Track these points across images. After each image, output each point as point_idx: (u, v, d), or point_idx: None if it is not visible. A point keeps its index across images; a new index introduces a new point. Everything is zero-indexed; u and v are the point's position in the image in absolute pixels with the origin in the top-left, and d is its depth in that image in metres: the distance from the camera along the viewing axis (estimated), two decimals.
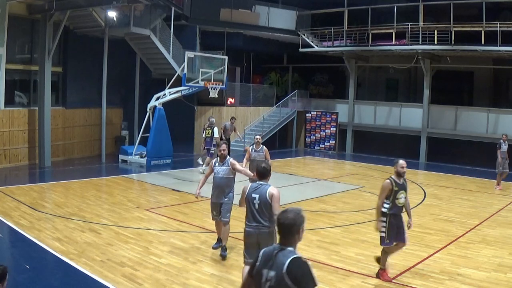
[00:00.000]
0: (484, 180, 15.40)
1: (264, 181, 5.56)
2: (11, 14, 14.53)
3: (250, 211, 5.46)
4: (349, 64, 21.82)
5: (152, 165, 15.95)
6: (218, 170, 7.17)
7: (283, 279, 2.84)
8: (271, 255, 2.96)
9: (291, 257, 2.87)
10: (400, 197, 6.21)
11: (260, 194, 5.43)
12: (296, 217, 3.00)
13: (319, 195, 12.15)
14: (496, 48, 16.51)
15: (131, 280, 6.12)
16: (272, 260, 2.94)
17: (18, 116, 15.37)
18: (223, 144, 7.27)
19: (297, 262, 2.86)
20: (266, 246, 5.06)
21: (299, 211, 3.05)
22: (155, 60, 18.84)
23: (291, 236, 2.99)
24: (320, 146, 22.97)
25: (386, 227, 6.21)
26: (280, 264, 2.87)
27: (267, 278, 2.92)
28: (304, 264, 2.88)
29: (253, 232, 5.42)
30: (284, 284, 2.83)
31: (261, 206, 5.41)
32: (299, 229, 3.00)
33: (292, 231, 2.98)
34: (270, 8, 21.62)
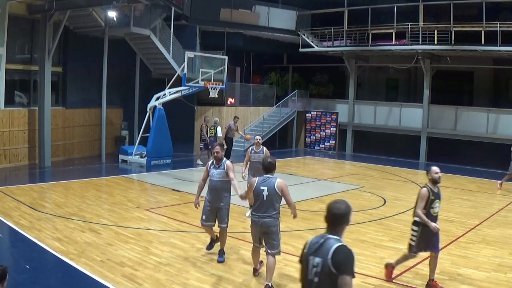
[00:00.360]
0: (484, 180, 15.40)
1: (270, 174, 5.97)
2: (11, 14, 14.53)
3: (258, 202, 5.90)
4: (349, 64, 21.82)
5: (152, 165, 15.95)
6: (213, 173, 6.86)
7: (327, 265, 3.04)
8: (318, 242, 3.17)
9: (337, 245, 3.07)
10: (435, 206, 6.01)
11: (268, 186, 5.85)
12: (347, 209, 3.24)
13: (319, 195, 12.14)
14: (496, 48, 16.51)
15: (131, 280, 6.12)
16: (319, 248, 3.14)
17: (18, 116, 15.37)
18: (217, 146, 6.93)
19: (341, 249, 3.06)
20: (269, 235, 5.84)
21: (348, 202, 3.30)
22: (155, 60, 18.84)
23: (339, 226, 3.21)
24: (320, 146, 22.98)
25: (417, 236, 6.01)
26: (326, 251, 3.07)
27: (314, 264, 3.13)
28: (348, 252, 3.07)
29: (257, 221, 5.95)
30: (328, 269, 3.03)
31: (270, 197, 5.85)
32: (348, 219, 3.23)
33: (341, 221, 3.21)
34: (270, 8, 21.62)
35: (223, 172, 6.81)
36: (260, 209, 5.88)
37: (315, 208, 10.68)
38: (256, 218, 5.93)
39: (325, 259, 3.06)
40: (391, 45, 19.28)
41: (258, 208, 5.91)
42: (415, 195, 6.39)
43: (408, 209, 10.84)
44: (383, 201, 11.59)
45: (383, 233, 8.73)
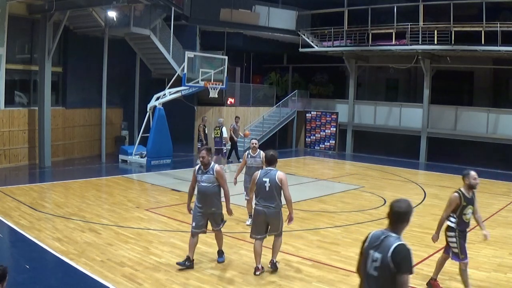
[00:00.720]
0: (484, 180, 15.29)
1: (272, 167, 6.49)
2: (11, 14, 14.53)
3: (261, 193, 6.37)
4: (349, 64, 21.82)
5: (152, 165, 15.95)
6: (201, 178, 6.59)
7: (387, 261, 3.23)
8: (379, 238, 3.36)
9: (397, 243, 3.24)
10: (467, 213, 5.77)
11: (270, 178, 6.35)
12: (408, 208, 3.36)
13: (319, 195, 12.15)
14: (496, 48, 16.51)
15: (131, 280, 6.12)
16: (379, 244, 3.32)
17: (18, 116, 15.37)
18: (203, 151, 6.58)
19: (401, 248, 3.23)
20: (273, 224, 6.42)
21: (410, 202, 3.41)
22: (155, 60, 18.84)
23: (400, 224, 3.36)
24: (320, 146, 22.97)
25: (457, 242, 5.80)
26: (387, 248, 3.26)
27: (373, 258, 3.34)
28: (407, 251, 3.24)
29: (261, 211, 6.38)
30: (387, 266, 3.23)
31: (271, 188, 6.32)
32: (408, 219, 3.35)
33: (402, 220, 3.35)
34: (270, 8, 21.62)
35: (212, 177, 6.53)
36: (264, 200, 6.36)
37: (315, 208, 10.69)
38: (260, 207, 6.39)
39: (385, 255, 3.24)
40: (391, 45, 19.27)
41: (261, 199, 6.38)
42: (415, 195, 6.38)
43: None
44: (383, 201, 11.58)
45: None
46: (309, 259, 7.19)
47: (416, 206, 11.15)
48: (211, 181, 6.55)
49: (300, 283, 6.23)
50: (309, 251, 7.57)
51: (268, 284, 6.16)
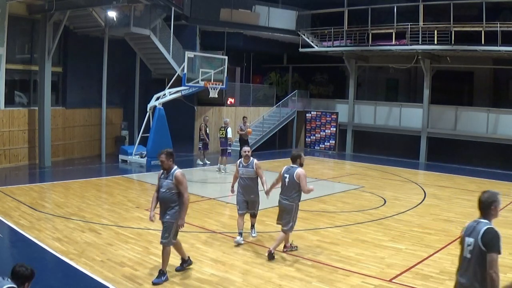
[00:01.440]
0: (484, 180, 15.40)
1: (295, 164, 7.23)
2: (11, 14, 14.53)
3: (282, 186, 7.20)
4: (349, 64, 21.82)
5: (152, 165, 15.94)
6: (161, 183, 6.18)
7: (478, 243, 3.80)
8: (472, 226, 3.96)
9: (486, 227, 3.85)
10: None
11: (289, 174, 7.08)
12: (491, 197, 4.00)
13: (319, 195, 12.13)
14: (496, 48, 16.51)
15: (131, 280, 6.12)
16: (472, 230, 3.92)
17: (18, 116, 15.37)
18: (162, 154, 6.13)
19: (489, 231, 3.83)
20: (283, 215, 7.20)
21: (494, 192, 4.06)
22: (155, 60, 18.84)
23: (487, 211, 3.99)
24: (320, 146, 22.97)
25: None
26: (477, 232, 3.85)
27: (468, 243, 3.91)
28: (495, 233, 3.84)
29: (279, 202, 7.27)
30: (478, 247, 3.80)
31: (290, 184, 7.05)
32: (491, 206, 3.97)
33: (487, 207, 3.99)
34: (270, 8, 21.61)
35: (170, 183, 6.05)
36: (282, 193, 7.19)
37: (315, 208, 10.69)
38: (280, 199, 7.26)
39: (476, 239, 3.82)
40: (391, 45, 19.27)
41: (282, 192, 7.21)
42: (415, 195, 6.38)
43: (408, 209, 10.86)
44: (383, 201, 11.58)
45: (383, 233, 8.72)
46: (309, 259, 7.19)
47: (416, 206, 11.17)
48: (169, 188, 6.07)
49: (300, 283, 6.23)
50: (309, 251, 7.57)
51: (268, 284, 6.16)
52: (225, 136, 15.16)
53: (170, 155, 6.16)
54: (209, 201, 11.18)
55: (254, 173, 7.82)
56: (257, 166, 7.85)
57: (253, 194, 7.90)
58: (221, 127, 15.44)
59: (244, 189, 7.89)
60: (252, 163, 7.88)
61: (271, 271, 6.63)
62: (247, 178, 7.84)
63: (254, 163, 7.86)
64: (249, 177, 7.85)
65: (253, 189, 7.88)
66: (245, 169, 7.88)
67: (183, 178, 6.09)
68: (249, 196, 7.89)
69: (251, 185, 7.87)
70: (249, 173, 7.84)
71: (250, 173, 7.84)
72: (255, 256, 7.25)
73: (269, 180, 7.86)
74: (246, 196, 7.90)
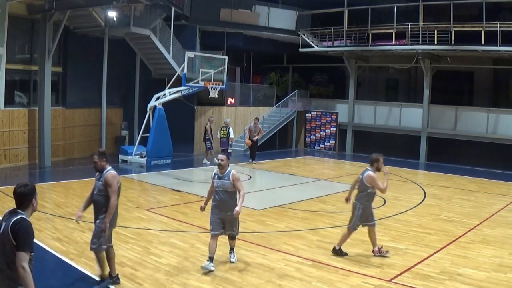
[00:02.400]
0: (484, 180, 15.40)
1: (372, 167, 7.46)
2: (11, 14, 14.53)
3: None
4: (349, 64, 21.82)
5: (152, 165, 15.95)
6: (95, 185, 5.87)
7: None
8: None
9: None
10: None
11: (362, 176, 7.47)
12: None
13: (319, 195, 12.14)
14: (496, 48, 16.51)
15: (131, 280, 6.12)
16: None
17: (18, 116, 15.37)
18: (94, 155, 5.95)
19: None
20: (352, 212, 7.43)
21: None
22: (155, 60, 18.85)
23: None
24: (320, 146, 22.97)
25: None
26: None
27: None
28: None
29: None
30: None
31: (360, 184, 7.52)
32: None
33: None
34: (270, 8, 21.62)
35: (101, 185, 5.74)
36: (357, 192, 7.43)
37: (315, 208, 10.69)
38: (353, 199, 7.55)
39: None
40: (391, 45, 19.27)
41: None
42: (415, 195, 6.39)
43: (408, 209, 10.86)
44: (383, 201, 11.58)
45: (383, 233, 8.72)
46: (309, 259, 7.19)
47: (416, 206, 11.17)
48: (100, 190, 5.72)
49: (300, 283, 6.23)
50: (309, 251, 7.57)
51: (268, 284, 6.16)
52: (226, 136, 15.17)
53: (103, 155, 5.86)
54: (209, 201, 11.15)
55: (231, 185, 6.56)
56: (234, 178, 6.55)
57: (230, 211, 6.53)
58: (222, 127, 15.45)
59: (220, 205, 6.60)
60: (229, 174, 6.59)
61: (271, 271, 6.63)
62: (223, 192, 6.58)
63: (231, 174, 6.57)
64: (225, 191, 6.58)
65: (230, 205, 6.55)
66: (220, 181, 6.60)
67: (113, 180, 5.67)
68: (225, 213, 6.58)
69: (228, 200, 6.58)
70: (225, 186, 6.56)
71: (227, 186, 6.56)
72: (255, 256, 7.25)
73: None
74: (222, 214, 6.60)
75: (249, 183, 14.19)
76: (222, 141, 15.20)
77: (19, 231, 3.70)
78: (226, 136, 15.19)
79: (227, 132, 15.19)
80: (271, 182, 14.69)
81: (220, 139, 15.29)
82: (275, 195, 12.47)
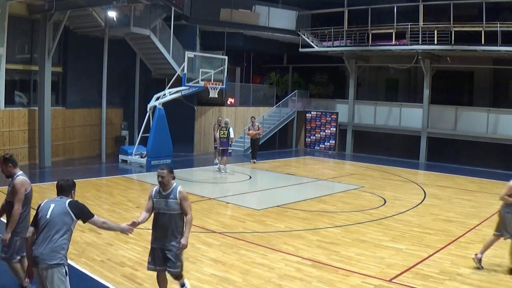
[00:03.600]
0: (484, 180, 15.40)
1: None
2: (11, 14, 14.53)
3: None
4: (349, 64, 21.82)
5: (152, 165, 15.94)
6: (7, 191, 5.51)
7: None
8: None
9: None
10: None
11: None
12: None
13: (319, 195, 12.14)
14: (496, 48, 16.51)
15: (131, 280, 6.12)
16: None
17: (18, 116, 15.37)
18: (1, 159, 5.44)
19: None
20: None
21: None
22: (155, 60, 18.85)
23: None
24: (320, 146, 22.97)
25: None
26: None
27: None
28: None
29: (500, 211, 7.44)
30: None
31: None
32: None
33: None
34: (270, 8, 21.61)
35: (9, 191, 5.37)
36: None
37: (315, 208, 10.69)
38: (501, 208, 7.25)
39: None
40: (391, 45, 19.27)
41: None
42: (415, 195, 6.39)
43: (408, 209, 10.86)
44: (383, 201, 11.59)
45: (383, 233, 8.72)
46: (309, 259, 7.19)
47: (416, 206, 11.17)
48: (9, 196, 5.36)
49: (300, 283, 6.23)
50: (309, 251, 7.57)
51: (268, 284, 6.16)
52: (227, 136, 15.21)
53: (7, 161, 5.38)
54: (209, 201, 11.18)
55: (177, 206, 5.16)
56: (182, 196, 5.17)
57: (174, 241, 5.14)
58: (222, 127, 15.47)
59: (160, 231, 5.18)
60: (175, 191, 5.18)
61: (271, 271, 6.63)
62: (165, 213, 5.15)
63: (177, 192, 5.18)
64: (169, 213, 5.14)
65: (173, 232, 5.16)
66: (163, 201, 5.16)
67: (20, 187, 5.25)
68: (166, 242, 5.15)
69: (171, 226, 5.15)
70: (170, 208, 5.13)
71: (172, 208, 5.14)
72: (255, 256, 7.25)
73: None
74: (161, 243, 5.18)
75: (249, 183, 14.19)
76: (222, 141, 15.25)
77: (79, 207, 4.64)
78: (226, 136, 15.23)
79: (227, 132, 15.22)
80: (271, 182, 14.68)
81: (220, 139, 15.34)
82: (275, 195, 12.48)
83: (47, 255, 4.22)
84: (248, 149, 19.88)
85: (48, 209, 4.46)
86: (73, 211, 4.49)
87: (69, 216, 4.45)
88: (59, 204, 4.50)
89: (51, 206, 4.48)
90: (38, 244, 4.29)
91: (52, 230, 4.32)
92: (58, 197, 4.63)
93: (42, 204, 4.59)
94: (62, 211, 4.43)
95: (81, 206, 4.65)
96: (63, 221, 4.39)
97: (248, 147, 19.75)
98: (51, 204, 4.51)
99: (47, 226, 4.35)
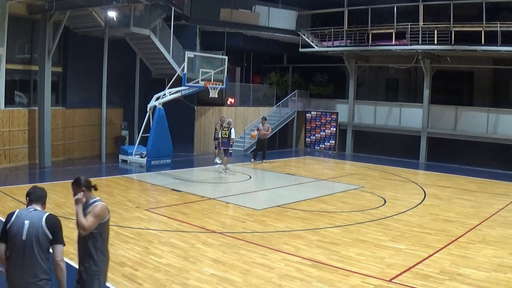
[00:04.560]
0: (484, 180, 15.40)
1: None
2: (11, 14, 14.53)
3: None
4: (349, 64, 21.82)
5: (152, 165, 15.95)
6: None
7: None
8: None
9: None
10: None
11: None
12: None
13: (319, 195, 12.14)
14: (496, 48, 16.51)
15: (131, 280, 6.12)
16: None
17: (18, 116, 15.37)
18: None
19: None
20: None
21: None
22: (155, 60, 18.85)
23: None
24: (320, 146, 22.98)
25: None
26: None
27: None
28: None
29: None
30: None
31: None
32: None
33: None
34: (270, 8, 21.62)
35: None
36: None
37: (315, 208, 10.69)
38: None
39: None
40: (391, 45, 19.27)
41: None
42: (415, 195, 6.38)
43: (408, 209, 10.86)
44: (383, 201, 11.59)
45: (383, 233, 8.72)
46: (309, 259, 7.19)
47: (416, 206, 11.17)
48: None
49: (300, 283, 6.23)
50: (309, 251, 7.57)
51: (268, 284, 6.16)
52: (228, 136, 15.23)
53: None
54: (209, 201, 11.18)
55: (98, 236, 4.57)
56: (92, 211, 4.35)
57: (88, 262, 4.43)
58: (224, 127, 15.49)
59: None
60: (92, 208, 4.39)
61: (271, 271, 6.63)
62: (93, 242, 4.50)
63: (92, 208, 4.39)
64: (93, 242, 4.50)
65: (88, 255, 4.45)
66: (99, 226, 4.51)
67: None
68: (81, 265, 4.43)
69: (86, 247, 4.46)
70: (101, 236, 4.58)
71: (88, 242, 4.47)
72: (255, 256, 7.25)
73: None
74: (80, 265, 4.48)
75: (249, 183, 14.19)
76: (223, 141, 15.27)
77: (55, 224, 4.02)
78: (227, 137, 15.24)
79: (229, 133, 15.24)
80: (271, 182, 14.69)
81: (221, 139, 15.38)
82: (275, 195, 12.48)
83: (34, 285, 3.79)
84: (249, 149, 19.91)
85: (23, 228, 3.81)
86: (49, 229, 3.90)
87: (46, 236, 3.89)
88: (35, 221, 3.85)
89: (25, 224, 3.81)
90: (18, 270, 3.79)
91: (31, 254, 3.81)
92: (31, 208, 3.96)
93: (13, 219, 3.87)
94: (39, 231, 3.83)
95: (57, 226, 4.01)
96: (40, 243, 3.85)
97: (250, 147, 19.82)
98: (25, 220, 3.83)
99: (24, 250, 3.80)
